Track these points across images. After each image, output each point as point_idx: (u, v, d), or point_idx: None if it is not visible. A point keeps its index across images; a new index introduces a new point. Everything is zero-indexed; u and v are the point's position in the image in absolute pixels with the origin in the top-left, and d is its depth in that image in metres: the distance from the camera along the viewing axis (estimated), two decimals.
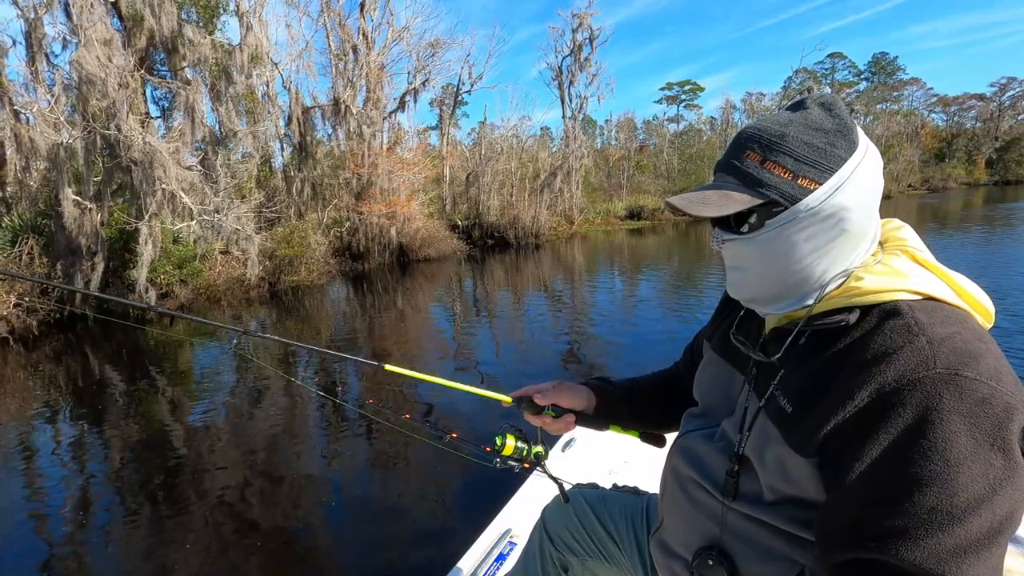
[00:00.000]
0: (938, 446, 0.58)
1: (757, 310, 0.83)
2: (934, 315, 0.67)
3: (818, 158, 0.70)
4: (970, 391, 0.59)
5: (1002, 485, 0.57)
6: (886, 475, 0.61)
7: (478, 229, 18.72)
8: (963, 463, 0.57)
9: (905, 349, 0.63)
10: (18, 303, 8.47)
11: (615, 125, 38.42)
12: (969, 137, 53.47)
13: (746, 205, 0.73)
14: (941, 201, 32.43)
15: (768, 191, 0.72)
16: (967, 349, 0.62)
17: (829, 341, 0.72)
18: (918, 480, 0.58)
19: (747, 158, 0.74)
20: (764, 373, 0.81)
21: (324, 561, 2.79)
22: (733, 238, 0.77)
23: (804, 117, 0.72)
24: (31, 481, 3.86)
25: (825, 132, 0.71)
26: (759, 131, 0.73)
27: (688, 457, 0.90)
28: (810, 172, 0.70)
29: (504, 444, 1.13)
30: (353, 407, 4.83)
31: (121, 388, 6.02)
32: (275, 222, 13.31)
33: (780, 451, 0.72)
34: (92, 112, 8.73)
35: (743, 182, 0.74)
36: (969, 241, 13.46)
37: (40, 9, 9.37)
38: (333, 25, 15.31)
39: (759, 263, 0.77)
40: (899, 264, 0.73)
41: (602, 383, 1.18)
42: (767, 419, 0.76)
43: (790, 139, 0.71)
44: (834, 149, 0.70)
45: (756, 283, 0.79)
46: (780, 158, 0.71)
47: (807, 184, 0.70)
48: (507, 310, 9.16)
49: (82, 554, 2.96)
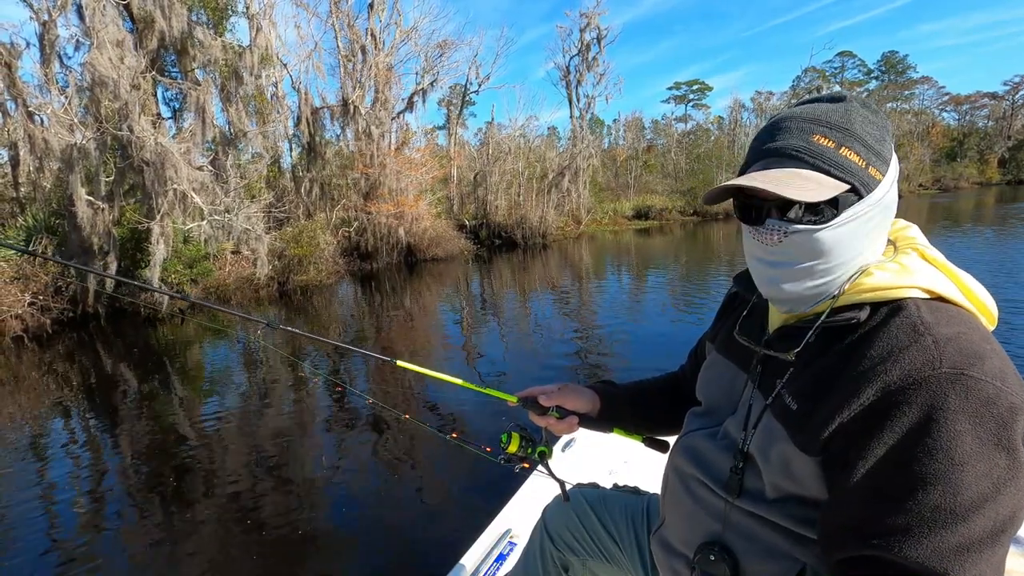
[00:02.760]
0: (943, 445, 0.58)
1: (779, 308, 0.79)
2: (940, 315, 0.67)
3: (881, 149, 0.71)
4: (976, 391, 0.59)
5: (1006, 484, 0.58)
6: (890, 473, 0.61)
7: (485, 229, 18.73)
8: (968, 462, 0.58)
9: (911, 348, 0.63)
10: (32, 302, 8.58)
11: (623, 125, 38.35)
12: (981, 136, 52.81)
13: (838, 191, 0.68)
14: (952, 200, 32.09)
15: (850, 177, 0.68)
16: (973, 349, 0.62)
17: (836, 338, 0.72)
18: (922, 479, 0.59)
19: (818, 142, 0.69)
20: (769, 371, 0.80)
21: (326, 560, 2.81)
22: (802, 229, 0.70)
23: (854, 109, 0.71)
24: (44, 477, 3.92)
25: (878, 125, 0.71)
26: (821, 115, 0.70)
27: (691, 455, 0.91)
28: (876, 162, 0.70)
29: (509, 442, 1.15)
30: (363, 399, 4.86)
31: (132, 386, 6.10)
32: (284, 222, 13.39)
33: (785, 449, 0.72)
34: (104, 113, 8.83)
35: (818, 167, 0.69)
36: (981, 240, 13.31)
37: (53, 11, 9.49)
38: (342, 26, 15.39)
39: (813, 256, 0.71)
40: (909, 262, 0.73)
41: (607, 386, 1.19)
42: (772, 417, 0.76)
43: (858, 126, 0.69)
44: (887, 142, 0.72)
45: (802, 278, 0.73)
46: (854, 145, 0.69)
47: (875, 174, 0.70)
48: (514, 310, 9.18)
49: (93, 549, 3.01)
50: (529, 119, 22.68)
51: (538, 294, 10.45)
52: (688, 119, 45.03)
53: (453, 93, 23.93)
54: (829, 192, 0.67)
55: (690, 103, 49.78)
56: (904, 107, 50.19)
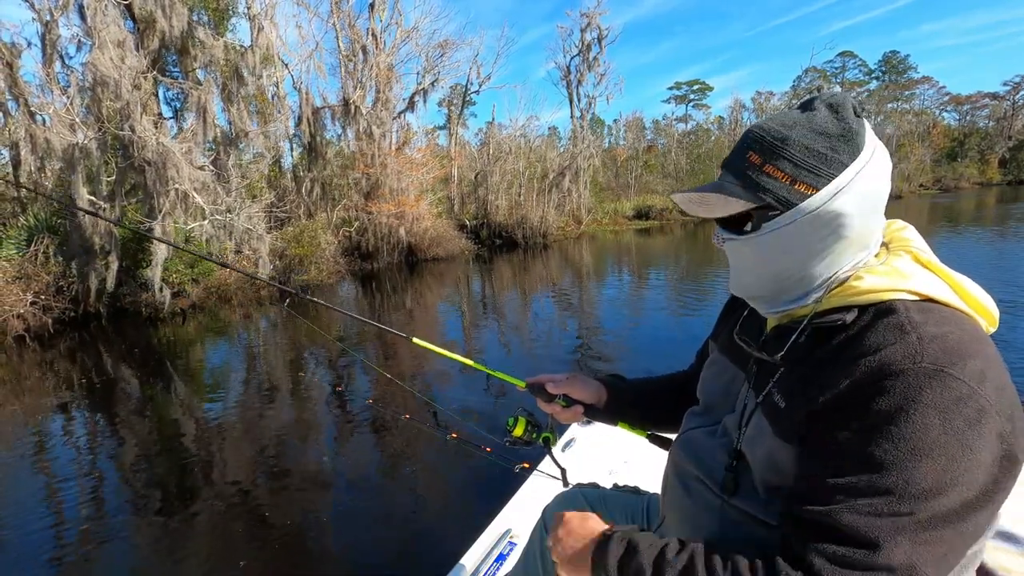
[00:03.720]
0: (908, 435, 0.60)
1: (757, 308, 0.85)
2: (930, 315, 0.68)
3: (818, 163, 0.70)
4: (951, 388, 0.61)
5: (958, 481, 0.60)
6: (854, 452, 0.63)
7: (486, 229, 18.73)
8: (929, 455, 0.60)
9: (895, 344, 0.65)
10: (34, 301, 8.60)
11: (623, 125, 38.35)
12: (982, 136, 52.79)
13: (741, 208, 0.75)
14: (954, 201, 32.08)
15: (764, 195, 0.72)
16: (957, 349, 0.63)
17: (825, 339, 0.73)
18: (882, 463, 0.61)
19: (748, 159, 0.74)
20: (764, 371, 0.82)
21: (326, 559, 2.82)
22: (732, 238, 0.79)
23: (809, 119, 0.72)
24: (46, 476, 3.93)
25: (828, 136, 0.70)
26: (763, 133, 0.73)
27: (690, 453, 0.92)
28: (808, 178, 0.70)
29: (515, 425, 1.19)
30: (363, 399, 4.87)
31: (134, 385, 6.11)
32: (285, 222, 13.40)
33: (770, 443, 0.74)
34: (106, 113, 8.84)
35: (742, 184, 0.74)
36: (982, 241, 13.31)
37: (55, 12, 9.51)
38: (343, 26, 15.40)
39: (756, 263, 0.79)
40: (901, 265, 0.73)
41: (615, 380, 1.21)
42: (761, 415, 0.78)
43: (791, 143, 0.71)
44: (835, 155, 0.70)
45: (754, 282, 0.82)
46: (779, 162, 0.71)
47: (804, 189, 0.71)
48: (515, 310, 9.19)
49: (95, 548, 3.03)
50: (530, 119, 22.71)
51: (539, 294, 10.46)
52: (688, 119, 45.05)
53: (454, 93, 23.92)
54: (731, 209, 0.75)
55: (691, 103, 49.78)
56: (905, 107, 50.17)
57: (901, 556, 0.59)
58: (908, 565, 0.59)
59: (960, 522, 0.61)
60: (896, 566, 0.59)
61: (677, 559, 0.70)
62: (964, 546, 0.63)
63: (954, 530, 0.61)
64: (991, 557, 1.15)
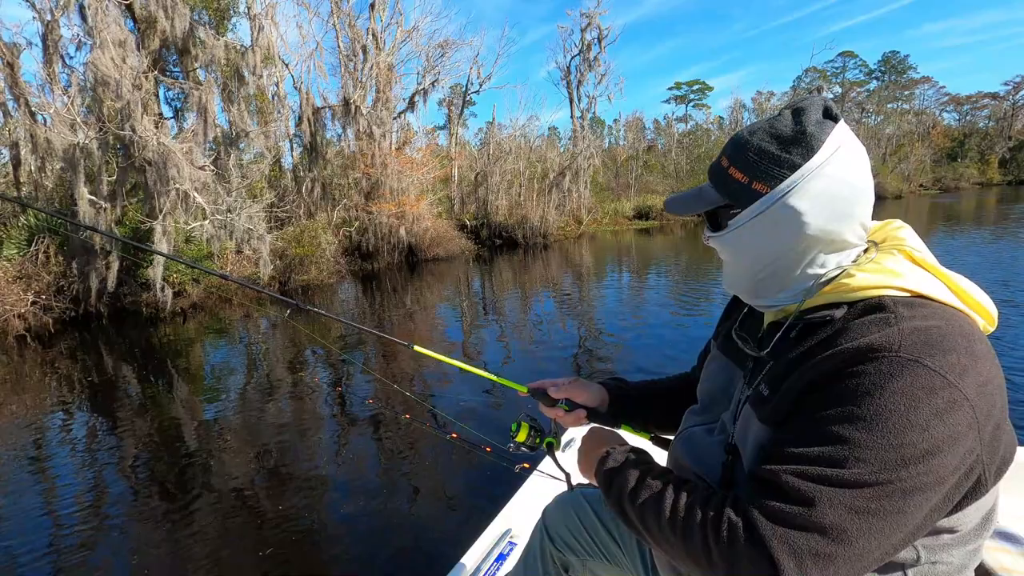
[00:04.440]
0: (868, 415, 0.62)
1: (751, 304, 0.89)
2: (918, 310, 0.69)
3: (769, 164, 0.74)
4: (922, 378, 0.62)
5: (909, 466, 0.61)
6: (815, 424, 0.66)
7: (486, 229, 18.72)
8: (884, 435, 0.61)
9: (876, 334, 0.66)
10: (35, 301, 8.60)
11: (623, 125, 38.36)
12: (982, 136, 52.81)
13: (709, 207, 0.83)
14: (954, 201, 32.06)
15: (728, 195, 0.79)
16: (939, 342, 0.64)
17: (812, 333, 0.75)
18: (838, 436, 0.63)
19: (721, 163, 0.80)
20: (757, 367, 0.84)
21: (326, 559, 2.82)
22: (710, 235, 0.86)
23: (771, 123, 0.76)
24: (46, 475, 3.94)
25: (781, 139, 0.74)
26: (734, 138, 0.79)
27: (689, 450, 0.93)
28: (762, 177, 0.74)
29: (518, 431, 1.18)
30: (363, 399, 4.87)
31: (134, 385, 6.12)
32: (286, 222, 13.40)
33: (756, 430, 0.76)
34: (107, 113, 8.85)
35: (714, 185, 0.81)
36: (981, 243, 13.31)
37: (56, 12, 9.51)
38: (343, 26, 15.42)
39: (730, 259, 0.86)
40: (892, 263, 0.74)
41: (617, 383, 1.21)
42: (748, 406, 0.80)
43: (750, 145, 0.76)
44: (787, 155, 0.73)
45: (734, 278, 0.87)
46: (739, 164, 0.77)
47: (759, 188, 0.75)
48: (515, 310, 9.19)
49: (95, 545, 3.03)
50: (530, 119, 22.86)
51: (539, 294, 10.45)
52: (689, 119, 45.04)
53: (454, 93, 23.93)
54: (701, 207, 0.83)
55: (691, 103, 49.73)
56: (905, 107, 50.17)
57: (833, 518, 0.60)
58: (839, 529, 0.60)
59: (904, 502, 0.61)
60: (827, 526, 0.60)
61: (654, 482, 0.80)
62: (907, 529, 0.63)
63: (897, 509, 0.61)
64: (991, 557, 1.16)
